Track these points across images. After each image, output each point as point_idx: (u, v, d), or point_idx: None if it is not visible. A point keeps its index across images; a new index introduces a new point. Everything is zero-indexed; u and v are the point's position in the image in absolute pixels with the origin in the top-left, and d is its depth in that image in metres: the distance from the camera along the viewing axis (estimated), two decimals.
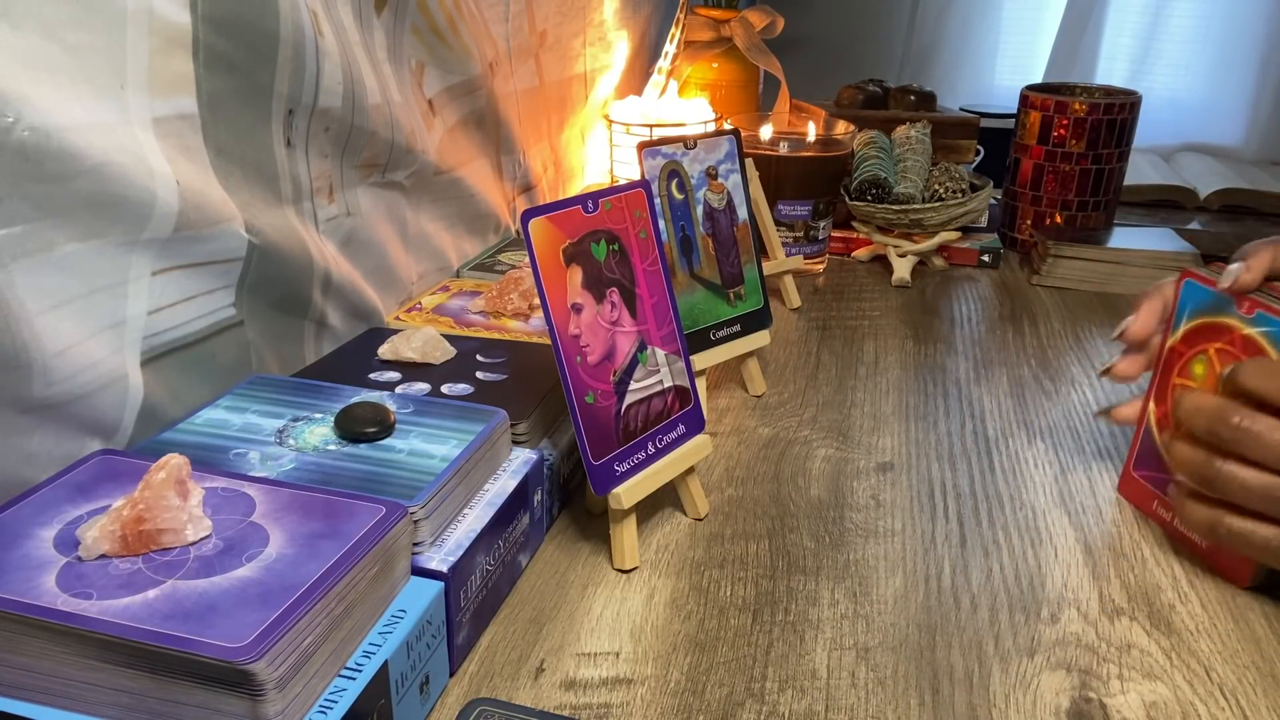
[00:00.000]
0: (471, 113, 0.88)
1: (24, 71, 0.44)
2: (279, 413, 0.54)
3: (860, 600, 0.53)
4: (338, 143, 0.67)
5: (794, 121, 1.10)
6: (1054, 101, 1.08)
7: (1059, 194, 1.11)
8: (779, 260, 0.93)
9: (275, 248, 0.60)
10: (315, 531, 0.41)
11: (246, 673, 0.34)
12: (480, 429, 0.53)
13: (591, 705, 0.45)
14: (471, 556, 0.47)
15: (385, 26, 0.73)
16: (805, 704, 0.46)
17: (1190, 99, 1.80)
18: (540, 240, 0.51)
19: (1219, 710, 0.46)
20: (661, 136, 0.78)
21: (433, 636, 0.44)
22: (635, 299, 0.57)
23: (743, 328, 0.75)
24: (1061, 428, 0.73)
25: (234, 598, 0.37)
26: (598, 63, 1.25)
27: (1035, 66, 1.86)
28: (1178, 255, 1.02)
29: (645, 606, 0.52)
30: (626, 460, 0.55)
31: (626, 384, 0.55)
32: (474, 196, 0.90)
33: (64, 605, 0.36)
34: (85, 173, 0.47)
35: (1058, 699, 0.46)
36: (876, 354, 0.87)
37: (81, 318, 0.49)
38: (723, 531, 0.59)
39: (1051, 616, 0.52)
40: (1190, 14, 1.78)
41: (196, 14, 0.53)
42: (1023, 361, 0.86)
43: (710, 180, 0.73)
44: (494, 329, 0.73)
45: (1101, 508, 0.63)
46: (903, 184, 1.06)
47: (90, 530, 0.39)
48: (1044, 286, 1.05)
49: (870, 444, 0.70)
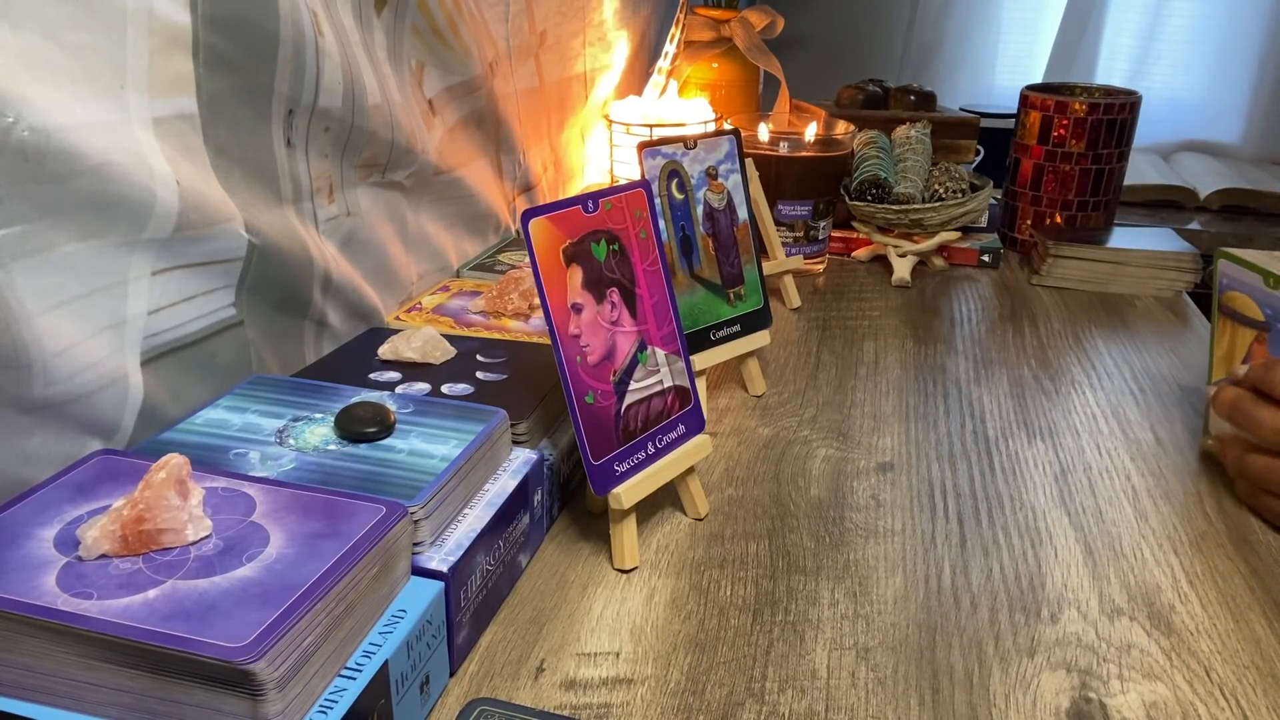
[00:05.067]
0: (471, 113, 0.88)
1: (24, 71, 0.44)
2: (279, 413, 0.54)
3: (860, 600, 0.53)
4: (338, 143, 0.67)
5: (794, 121, 1.10)
6: (1054, 101, 1.08)
7: (1059, 194, 1.11)
8: (779, 260, 0.93)
9: (275, 248, 0.60)
10: (315, 531, 0.41)
11: (247, 673, 0.34)
12: (480, 429, 0.53)
13: (591, 705, 0.45)
14: (471, 556, 0.47)
15: (385, 26, 0.73)
16: (805, 704, 0.46)
17: (1190, 98, 1.80)
18: (540, 240, 0.51)
19: (1219, 710, 0.46)
20: (661, 136, 0.78)
21: (433, 636, 0.44)
22: (635, 299, 0.57)
23: (743, 328, 0.75)
24: (1061, 428, 0.73)
25: (234, 598, 0.37)
26: (598, 63, 1.25)
27: (1035, 66, 1.87)
28: (1178, 255, 1.02)
29: (645, 606, 0.52)
30: (626, 460, 0.55)
31: (626, 384, 0.55)
32: (474, 196, 0.90)
33: (64, 605, 0.36)
34: (85, 173, 0.47)
35: (1058, 699, 0.46)
36: (876, 354, 0.87)
37: (81, 318, 0.49)
38: (723, 531, 0.59)
39: (1051, 616, 0.52)
40: (1190, 14, 1.78)
41: (196, 14, 0.53)
42: (1023, 361, 0.86)
43: (710, 180, 0.73)
44: (494, 329, 0.73)
45: (1101, 508, 0.63)
46: (903, 184, 1.06)
47: (90, 530, 0.39)
48: (1044, 286, 1.05)
49: (870, 444, 0.70)
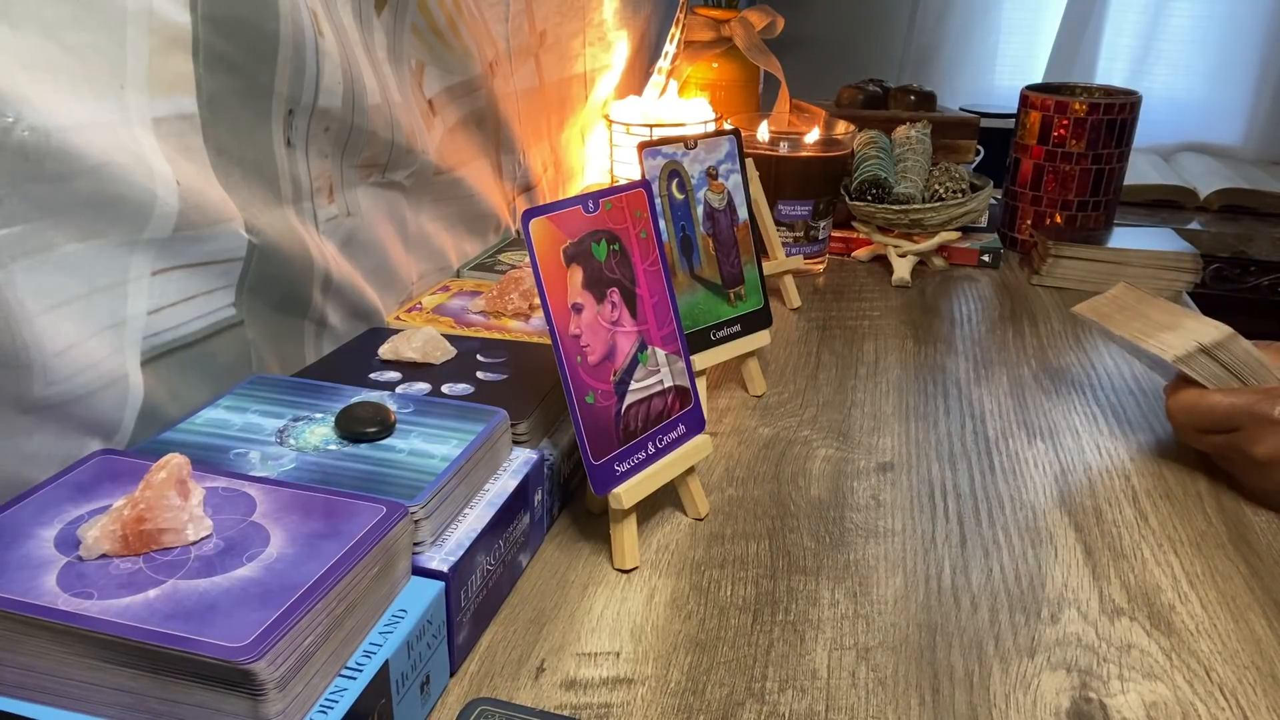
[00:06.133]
0: (471, 113, 0.88)
1: (24, 71, 0.44)
2: (279, 413, 0.54)
3: (860, 600, 0.53)
4: (338, 143, 0.67)
5: (794, 121, 1.10)
6: (1054, 101, 1.08)
7: (1059, 194, 1.11)
8: (779, 260, 0.93)
9: (275, 248, 0.60)
10: (316, 531, 0.41)
11: (247, 672, 0.34)
12: (480, 429, 0.53)
13: (592, 705, 0.45)
14: (472, 556, 0.47)
15: (385, 26, 0.73)
16: (805, 704, 0.46)
17: (1190, 99, 1.80)
18: (541, 240, 0.51)
19: (1219, 710, 0.46)
20: (662, 136, 0.78)
21: (433, 636, 0.44)
22: (636, 299, 0.57)
23: (743, 328, 0.75)
24: (1061, 428, 0.73)
25: (234, 597, 0.37)
26: (598, 63, 1.25)
27: (1035, 66, 1.87)
28: (1178, 255, 1.02)
29: (645, 606, 0.52)
30: (626, 460, 0.55)
31: (627, 384, 0.55)
32: (474, 196, 0.90)
33: (65, 605, 0.36)
34: (85, 173, 0.47)
35: (1058, 699, 0.46)
36: (876, 354, 0.87)
37: (81, 318, 0.49)
38: (723, 531, 0.59)
39: (1051, 616, 0.52)
40: (1190, 14, 1.78)
41: (196, 14, 0.53)
42: (1023, 361, 0.86)
43: (710, 180, 0.73)
44: (494, 329, 0.73)
45: (1101, 508, 0.63)
46: (903, 184, 1.06)
47: (91, 530, 0.39)
48: (1044, 286, 1.05)
49: (870, 444, 0.70)
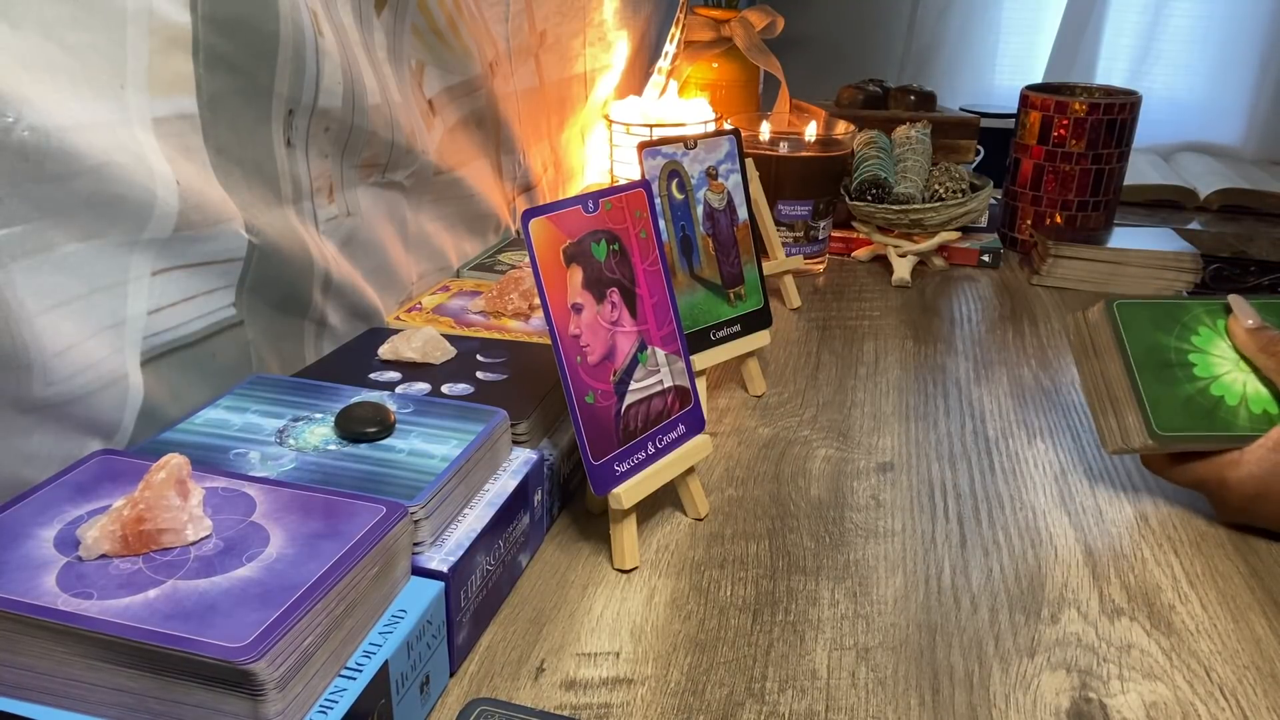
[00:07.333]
0: (471, 113, 0.88)
1: (24, 71, 0.44)
2: (279, 413, 0.54)
3: (860, 600, 0.53)
4: (338, 143, 0.67)
5: (794, 121, 1.10)
6: (1054, 101, 1.08)
7: (1059, 194, 1.11)
8: (779, 260, 0.93)
9: (275, 248, 0.60)
10: (315, 531, 0.41)
11: (247, 673, 0.34)
12: (480, 429, 0.53)
13: (592, 705, 0.45)
14: (472, 556, 0.47)
15: (385, 26, 0.73)
16: (805, 704, 0.46)
17: (1190, 99, 1.80)
18: (540, 240, 0.51)
19: (1219, 710, 0.46)
20: (661, 136, 0.78)
21: (433, 636, 0.44)
22: (635, 299, 0.57)
23: (743, 328, 0.75)
24: (1061, 428, 0.73)
25: (234, 598, 0.37)
26: (598, 63, 1.25)
27: (1035, 66, 1.86)
28: (1178, 255, 1.02)
29: (645, 606, 0.52)
30: (626, 460, 0.55)
31: (626, 384, 0.55)
32: (474, 196, 0.90)
33: (64, 605, 0.36)
34: (85, 173, 0.47)
35: (1058, 699, 0.46)
36: (876, 354, 0.87)
37: (81, 318, 0.49)
38: (723, 531, 0.59)
39: (1051, 616, 0.52)
40: (1190, 14, 1.78)
41: (196, 14, 0.53)
42: (1023, 361, 0.86)
43: (710, 180, 0.73)
44: (494, 329, 0.72)
45: (1101, 508, 0.63)
46: (903, 184, 1.06)
47: (90, 530, 0.39)
48: (1044, 286, 1.05)
49: (870, 444, 0.70)
